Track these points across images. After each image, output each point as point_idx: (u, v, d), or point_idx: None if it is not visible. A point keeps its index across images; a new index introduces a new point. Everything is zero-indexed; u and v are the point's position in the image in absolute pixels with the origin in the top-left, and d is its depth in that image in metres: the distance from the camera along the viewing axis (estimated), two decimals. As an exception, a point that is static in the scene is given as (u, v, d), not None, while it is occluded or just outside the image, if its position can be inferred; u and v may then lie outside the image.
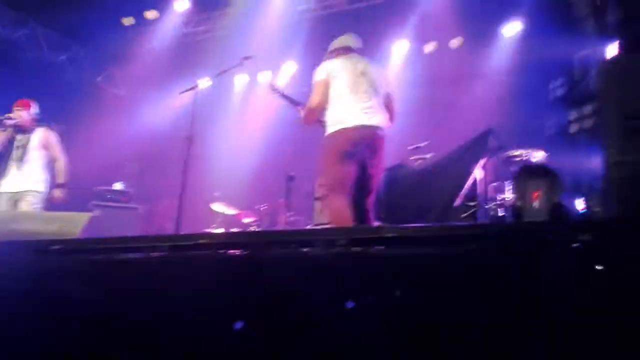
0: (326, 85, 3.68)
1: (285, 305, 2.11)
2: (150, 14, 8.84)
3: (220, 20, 8.94)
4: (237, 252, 2.30)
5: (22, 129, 5.26)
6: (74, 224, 3.01)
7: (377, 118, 3.61)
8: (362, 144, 3.52)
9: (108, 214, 7.04)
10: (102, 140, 8.25)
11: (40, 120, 5.47)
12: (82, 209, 6.64)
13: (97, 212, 6.80)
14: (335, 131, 3.57)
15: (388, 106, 3.78)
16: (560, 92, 7.14)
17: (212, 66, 4.91)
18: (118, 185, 8.04)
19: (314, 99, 3.69)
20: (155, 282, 2.25)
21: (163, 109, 8.82)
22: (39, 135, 5.33)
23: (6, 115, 5.19)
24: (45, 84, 8.83)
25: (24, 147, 5.20)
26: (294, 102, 4.33)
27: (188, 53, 9.01)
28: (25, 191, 5.14)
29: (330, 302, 2.07)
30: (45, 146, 5.33)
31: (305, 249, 2.26)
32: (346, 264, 2.19)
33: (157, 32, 9.09)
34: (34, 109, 5.43)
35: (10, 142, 5.20)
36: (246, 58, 4.70)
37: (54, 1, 8.05)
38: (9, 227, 3.16)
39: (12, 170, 5.17)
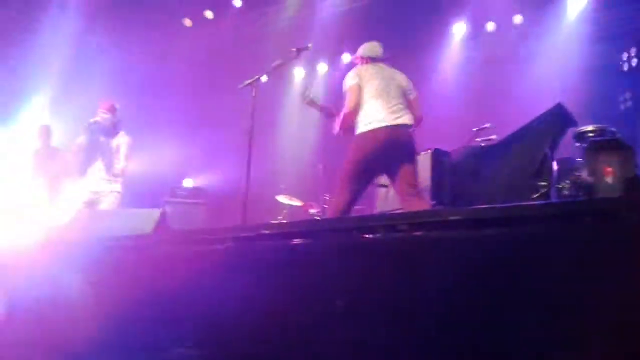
0: (359, 89, 3.93)
1: (353, 291, 2.11)
2: (208, 14, 9.05)
3: (275, 15, 9.02)
4: (300, 241, 2.32)
5: (105, 131, 5.42)
6: (146, 220, 3.13)
7: (404, 118, 3.90)
8: (392, 143, 3.78)
9: (179, 210, 7.28)
10: (172, 137, 8.55)
11: (120, 123, 5.62)
12: (155, 205, 6.91)
13: (168, 209, 7.04)
14: (368, 131, 3.82)
15: (414, 110, 4.05)
16: (634, 62, 6.72)
17: (270, 61, 4.93)
18: (188, 182, 8.30)
19: (350, 104, 3.94)
20: (221, 272, 2.31)
21: (225, 105, 9.02)
22: (119, 140, 5.50)
23: (92, 119, 5.34)
24: (118, 83, 9.27)
25: (106, 150, 5.39)
26: (329, 112, 4.51)
27: (246, 49, 9.15)
28: (106, 192, 5.37)
29: (395, 287, 2.06)
30: (119, 149, 5.52)
31: (367, 235, 2.25)
32: (410, 249, 2.16)
33: (216, 31, 9.29)
34: (117, 112, 5.59)
35: (94, 143, 5.37)
36: (300, 49, 4.68)
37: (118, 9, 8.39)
38: (89, 225, 3.35)
39: (95, 171, 5.39)
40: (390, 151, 3.79)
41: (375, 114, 3.84)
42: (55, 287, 2.45)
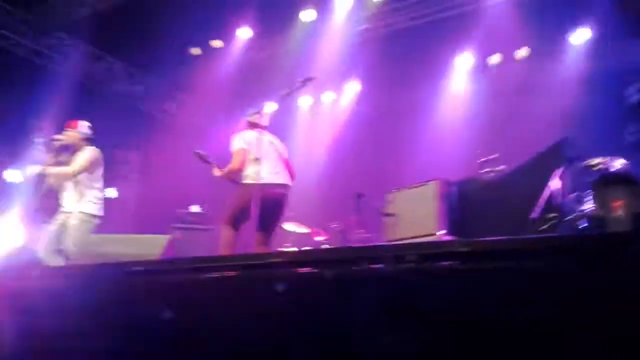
0: (245, 152, 4.82)
1: (359, 322, 2.10)
2: (215, 43, 9.19)
3: (282, 44, 9.15)
4: (309, 269, 2.32)
5: (72, 149, 5.22)
6: (153, 245, 3.14)
7: (282, 178, 4.89)
8: (269, 197, 4.66)
9: (187, 236, 7.28)
10: (178, 165, 8.59)
11: (91, 140, 5.37)
12: (164, 231, 6.92)
13: (176, 234, 7.04)
14: (249, 184, 4.68)
15: (289, 168, 5.04)
16: (636, 98, 6.77)
17: (277, 90, 5.00)
18: (195, 208, 8.31)
19: (234, 164, 4.84)
20: (231, 300, 2.31)
21: (232, 133, 9.09)
22: (83, 153, 5.22)
23: (53, 136, 5.15)
24: (124, 115, 9.39)
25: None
26: (210, 163, 5.16)
27: (253, 78, 9.27)
28: (75, 212, 5.10)
29: (402, 318, 2.05)
30: (91, 165, 5.22)
31: (375, 265, 2.25)
32: (417, 280, 2.16)
33: (223, 60, 9.42)
34: (83, 128, 5.35)
35: (60, 163, 5.14)
36: (307, 80, 4.75)
37: (127, 36, 8.53)
38: (93, 250, 3.36)
39: (66, 191, 5.19)
40: (267, 204, 4.58)
41: (259, 172, 4.58)
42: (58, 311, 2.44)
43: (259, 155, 4.60)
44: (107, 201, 9.31)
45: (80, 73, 9.00)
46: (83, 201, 5.12)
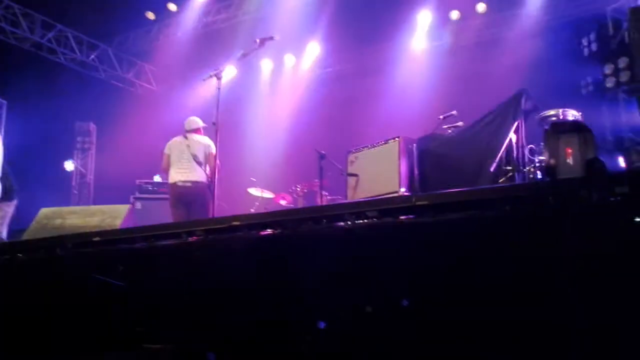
0: (168, 156, 5.61)
1: (321, 279, 2.13)
2: (171, 6, 8.91)
3: (239, 6, 8.94)
4: (270, 231, 2.33)
5: None
6: (114, 216, 3.10)
7: (192, 175, 5.40)
8: (184, 193, 5.39)
9: (149, 206, 7.19)
10: (140, 134, 8.43)
11: None
12: (125, 202, 6.83)
13: (137, 205, 6.95)
14: (170, 183, 5.54)
15: (212, 166, 5.32)
16: (594, 47, 6.88)
17: (237, 53, 4.91)
18: (158, 178, 8.18)
19: (162, 165, 5.73)
20: (193, 265, 2.31)
21: (193, 99, 8.93)
22: None
23: None
24: (79, 85, 9.09)
25: None
26: None
27: (212, 42, 9.05)
28: None
29: (364, 271, 2.09)
30: None
31: (337, 223, 2.27)
32: (378, 235, 2.19)
33: (180, 24, 9.16)
34: None
35: None
36: (264, 39, 4.66)
37: (80, 3, 8.20)
38: (53, 222, 3.29)
39: None
40: (183, 198, 5.39)
41: (172, 173, 5.51)
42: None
43: (173, 159, 5.55)
44: (65, 174, 9.19)
45: (33, 44, 8.66)
46: None
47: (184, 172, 5.46)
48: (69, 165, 8.95)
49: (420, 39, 8.87)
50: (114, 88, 9.89)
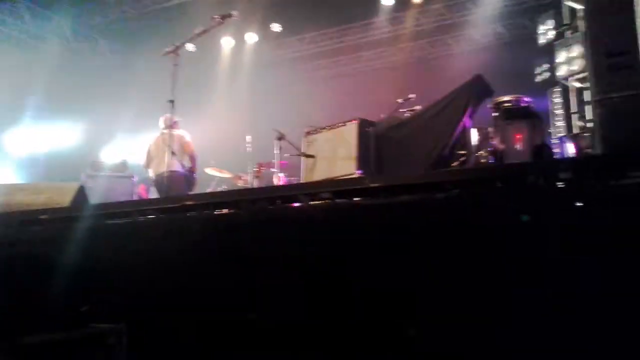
0: (149, 152, 6.14)
1: (274, 258, 2.14)
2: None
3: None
4: (224, 211, 2.32)
5: None
6: (62, 194, 3.02)
7: (168, 166, 5.39)
8: (162, 183, 5.59)
9: (103, 184, 7.01)
10: (96, 110, 8.20)
11: None
12: (76, 179, 6.63)
13: (89, 182, 6.76)
14: (152, 178, 6.06)
15: (189, 154, 6.02)
16: (550, 35, 7.03)
17: (193, 29, 4.80)
18: (109, 155, 7.97)
19: (144, 163, 6.24)
20: (145, 245, 2.29)
21: (151, 75, 8.71)
22: None
23: None
24: (31, 59, 8.74)
25: None
26: None
27: (173, 16, 8.82)
28: None
29: (318, 252, 2.11)
30: None
31: (291, 204, 2.28)
32: (331, 216, 2.21)
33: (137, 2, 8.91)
34: None
35: None
36: (224, 16, 4.58)
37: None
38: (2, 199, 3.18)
39: None
40: (164, 188, 5.56)
41: (153, 165, 6.03)
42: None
43: (152, 155, 6.07)
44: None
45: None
46: None
47: (160, 164, 5.77)
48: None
49: (381, 22, 8.89)
50: (67, 59, 9.54)
